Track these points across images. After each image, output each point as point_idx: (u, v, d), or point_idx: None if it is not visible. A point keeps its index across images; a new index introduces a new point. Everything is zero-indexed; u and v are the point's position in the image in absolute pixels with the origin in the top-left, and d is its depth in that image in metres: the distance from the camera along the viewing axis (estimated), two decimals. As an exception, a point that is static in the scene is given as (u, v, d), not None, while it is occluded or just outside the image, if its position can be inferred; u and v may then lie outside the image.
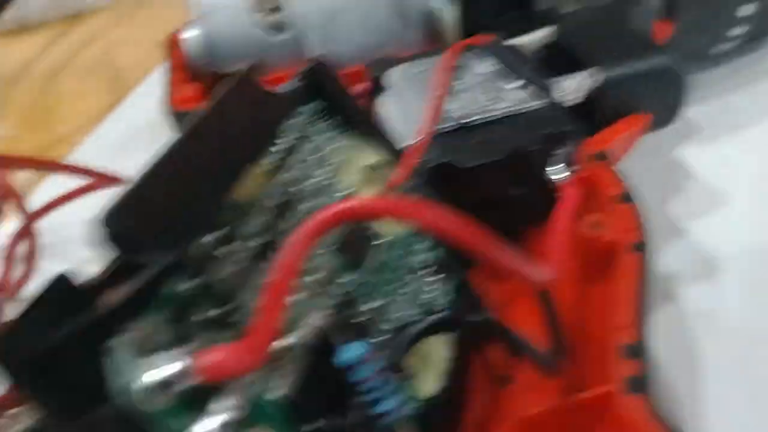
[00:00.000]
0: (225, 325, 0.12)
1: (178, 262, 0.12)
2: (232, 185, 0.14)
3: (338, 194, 0.16)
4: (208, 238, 0.13)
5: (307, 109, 0.16)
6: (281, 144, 0.15)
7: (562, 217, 0.18)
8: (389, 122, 0.23)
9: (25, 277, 0.28)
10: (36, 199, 0.31)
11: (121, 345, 0.11)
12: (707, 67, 0.31)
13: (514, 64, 0.21)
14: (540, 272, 0.15)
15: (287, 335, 0.13)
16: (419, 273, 0.17)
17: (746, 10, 0.28)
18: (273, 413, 0.12)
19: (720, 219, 0.25)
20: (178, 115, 0.28)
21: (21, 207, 0.27)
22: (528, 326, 0.18)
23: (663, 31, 0.25)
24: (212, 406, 0.11)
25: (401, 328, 0.14)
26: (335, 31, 0.28)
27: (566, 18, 0.25)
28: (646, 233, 0.19)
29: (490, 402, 0.17)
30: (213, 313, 0.12)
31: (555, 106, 0.21)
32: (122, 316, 0.11)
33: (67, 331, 0.11)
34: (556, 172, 0.20)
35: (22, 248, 0.29)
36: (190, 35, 0.29)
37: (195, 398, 0.11)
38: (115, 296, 0.11)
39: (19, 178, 0.30)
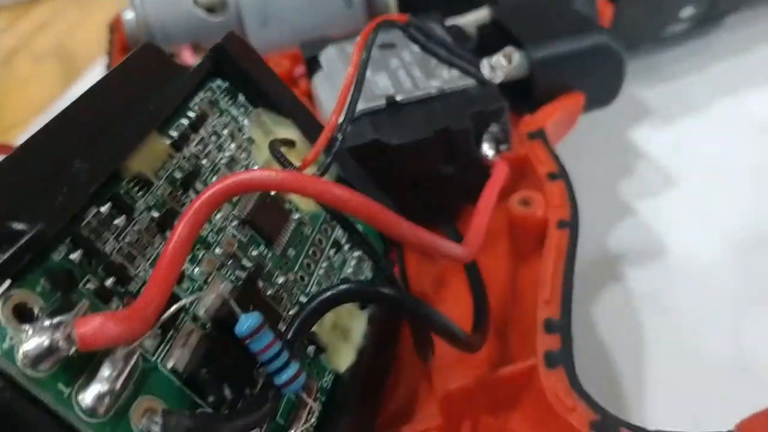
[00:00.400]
0: (117, 296, 0.12)
1: (64, 229, 0.12)
2: (130, 152, 0.13)
3: (252, 167, 0.16)
4: (102, 208, 0.12)
5: (219, 84, 0.16)
6: (189, 116, 0.15)
7: (488, 193, 0.18)
8: (322, 101, 0.22)
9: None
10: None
11: (-4, 313, 0.10)
12: (660, 49, 0.31)
13: (447, 43, 0.21)
14: (456, 249, 0.15)
15: (186, 306, 0.13)
16: (340, 249, 0.17)
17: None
18: (165, 385, 0.12)
19: (670, 200, 0.25)
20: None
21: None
22: (459, 303, 0.18)
23: (607, 12, 0.25)
24: (98, 373, 0.11)
25: (315, 297, 0.14)
26: (273, 11, 0.27)
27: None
28: (575, 211, 0.18)
29: (418, 378, 0.17)
30: (104, 283, 0.12)
31: (485, 85, 0.20)
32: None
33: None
34: (488, 150, 0.20)
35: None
36: (130, 17, 0.28)
37: (83, 367, 0.11)
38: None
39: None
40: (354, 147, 0.18)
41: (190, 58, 0.27)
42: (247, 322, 0.12)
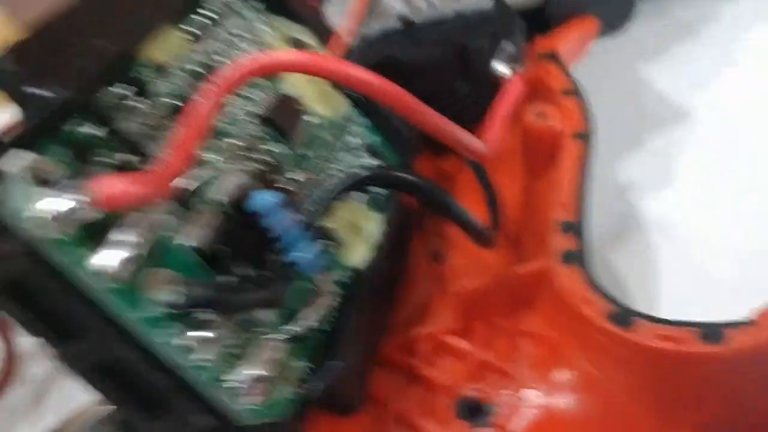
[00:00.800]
0: (134, 171, 0.12)
1: (82, 102, 0.12)
2: (145, 40, 0.13)
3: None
4: (119, 89, 0.12)
5: (237, -16, 0.16)
6: (204, 14, 0.15)
7: (503, 101, 0.18)
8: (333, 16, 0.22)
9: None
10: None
11: (18, 176, 0.10)
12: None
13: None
14: (476, 143, 0.15)
15: (203, 188, 0.13)
16: (353, 152, 0.17)
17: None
18: (182, 260, 0.12)
19: (678, 132, 0.25)
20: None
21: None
22: (468, 204, 0.18)
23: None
24: (111, 236, 0.11)
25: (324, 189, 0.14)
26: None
27: None
28: (590, 125, 0.18)
29: (432, 280, 0.17)
30: (118, 157, 0.12)
31: (501, 6, 0.20)
32: (18, 143, 0.11)
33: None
34: (503, 69, 0.20)
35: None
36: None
37: (96, 231, 0.11)
38: (16, 128, 0.11)
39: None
40: (370, 65, 0.18)
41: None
42: (260, 198, 0.12)
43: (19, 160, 0.10)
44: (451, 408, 0.15)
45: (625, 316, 0.14)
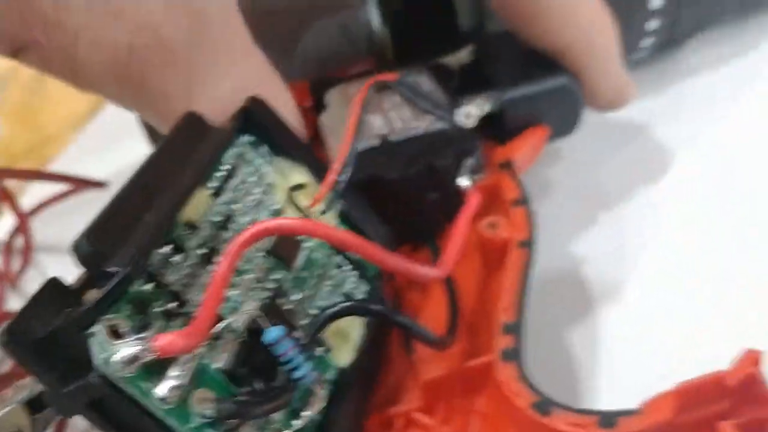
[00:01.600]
0: (178, 316, 0.17)
1: (141, 268, 0.16)
2: (184, 205, 0.18)
3: (272, 208, 0.20)
4: (164, 249, 0.17)
5: (245, 140, 0.20)
6: (223, 169, 0.19)
7: (461, 219, 0.22)
8: (328, 138, 0.27)
9: (23, 268, 0.32)
10: (25, 201, 0.35)
11: (100, 331, 0.15)
12: (630, 71, 0.35)
13: (428, 96, 0.25)
14: (429, 271, 0.19)
15: (227, 320, 0.17)
16: (341, 269, 0.21)
17: (652, 25, 0.32)
18: (214, 380, 0.16)
19: (629, 212, 0.29)
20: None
21: (15, 207, 0.31)
22: (440, 308, 0.22)
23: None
24: (168, 372, 0.15)
25: (323, 312, 0.19)
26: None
27: (482, 40, 0.28)
28: (534, 232, 0.23)
29: (404, 371, 0.21)
30: (169, 306, 0.16)
31: (461, 127, 0.25)
32: (99, 310, 0.15)
33: (61, 322, 0.15)
34: (465, 181, 0.24)
35: (18, 243, 0.33)
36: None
37: (158, 368, 0.15)
38: (93, 295, 0.16)
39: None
40: (355, 181, 0.23)
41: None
42: (271, 333, 0.17)
43: (101, 322, 0.15)
44: (419, 473, 0.19)
45: (545, 405, 0.18)
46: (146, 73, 0.20)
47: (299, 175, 0.21)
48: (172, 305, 0.17)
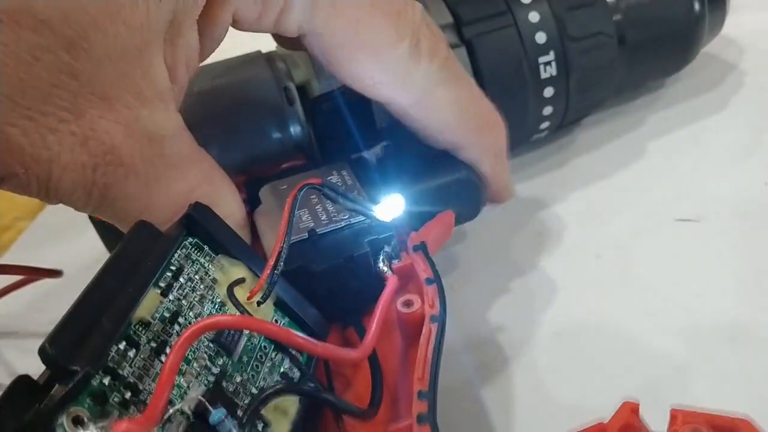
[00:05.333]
0: (134, 404, 0.19)
1: (99, 365, 0.19)
2: (137, 305, 0.21)
3: (216, 301, 0.23)
4: (120, 346, 0.20)
5: (190, 241, 0.23)
6: (171, 270, 0.22)
7: (380, 302, 0.25)
8: (262, 231, 0.30)
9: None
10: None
11: (63, 422, 0.18)
12: (531, 149, 0.39)
13: (342, 193, 0.28)
14: (350, 354, 0.22)
15: (176, 406, 0.20)
16: (279, 351, 0.24)
17: (547, 111, 0.36)
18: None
19: (534, 280, 0.33)
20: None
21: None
22: (367, 378, 0.25)
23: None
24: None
25: (261, 393, 0.21)
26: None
27: (392, 136, 0.32)
28: (444, 308, 0.26)
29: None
30: (125, 396, 0.19)
31: (378, 219, 0.28)
32: (64, 404, 0.18)
33: (31, 416, 0.18)
34: (383, 266, 0.28)
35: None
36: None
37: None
38: (59, 391, 0.18)
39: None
40: (285, 272, 0.26)
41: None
42: (216, 415, 0.19)
43: (65, 414, 0.18)
44: None
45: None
46: (109, 184, 0.23)
47: (239, 270, 0.24)
48: (128, 395, 0.19)
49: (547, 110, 0.36)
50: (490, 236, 0.35)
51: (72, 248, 0.40)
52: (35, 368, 0.25)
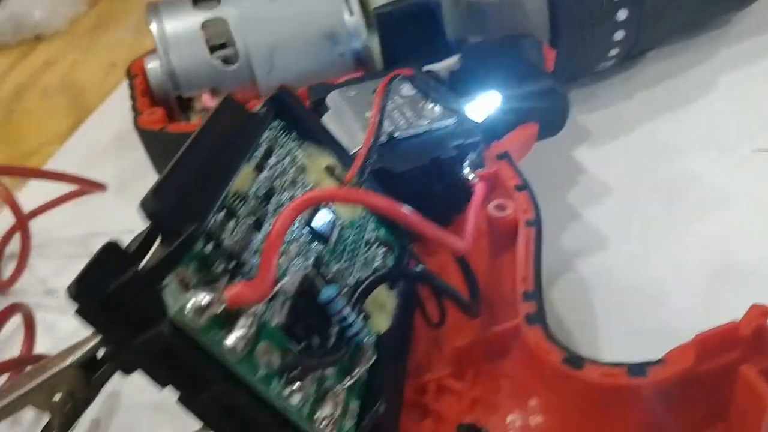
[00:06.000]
0: (236, 276, 0.17)
1: (203, 228, 0.17)
2: (234, 175, 0.19)
3: (306, 188, 0.21)
4: (220, 214, 0.18)
5: (277, 124, 0.21)
6: (261, 149, 0.20)
7: (473, 205, 0.23)
8: (333, 134, 0.28)
9: (18, 271, 0.31)
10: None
11: (171, 282, 0.15)
12: (596, 80, 0.37)
13: (432, 87, 0.26)
14: (457, 241, 0.20)
15: (285, 279, 0.18)
16: (370, 246, 0.22)
17: (618, 36, 0.34)
18: (274, 335, 0.17)
19: (604, 203, 0.32)
20: (146, 134, 0.32)
21: (15, 208, 0.31)
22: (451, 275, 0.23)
23: (550, 56, 0.32)
24: (236, 324, 0.16)
25: (361, 282, 0.19)
26: (277, 62, 0.33)
27: (469, 49, 0.30)
28: (538, 212, 0.24)
29: (430, 342, 0.22)
30: (228, 265, 0.17)
31: (464, 122, 0.26)
32: (170, 265, 0.16)
33: (130, 276, 0.16)
34: (468, 173, 0.26)
35: (11, 247, 0.32)
36: (153, 65, 0.33)
37: (225, 321, 0.16)
38: (160, 253, 0.16)
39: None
40: (372, 173, 0.24)
41: (209, 102, 0.32)
42: (327, 292, 0.17)
43: (170, 277, 0.16)
44: (454, 432, 0.20)
45: (576, 360, 0.19)
46: None
47: (326, 158, 0.22)
48: (231, 265, 0.17)
49: (619, 35, 0.34)
50: (559, 165, 0.33)
51: (102, 173, 0.37)
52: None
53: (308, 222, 0.20)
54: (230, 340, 0.16)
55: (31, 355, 0.28)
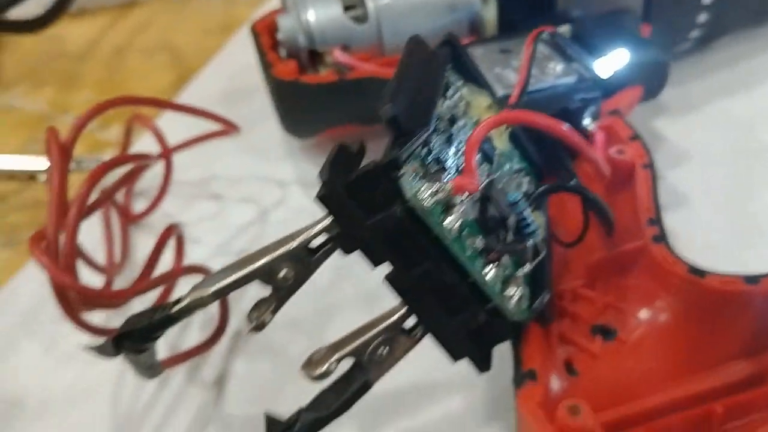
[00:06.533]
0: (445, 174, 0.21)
1: (428, 131, 0.21)
2: (436, 98, 0.22)
3: (473, 120, 0.25)
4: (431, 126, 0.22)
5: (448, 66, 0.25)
6: (445, 81, 0.24)
7: (598, 148, 0.27)
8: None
9: (157, 200, 0.35)
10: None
11: (407, 172, 0.19)
12: (673, 60, 0.41)
13: (567, 44, 0.30)
14: (606, 165, 0.24)
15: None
16: (517, 172, 0.26)
17: (701, 18, 0.38)
18: (472, 226, 0.21)
19: (685, 168, 0.36)
20: (280, 83, 0.36)
21: (161, 140, 0.35)
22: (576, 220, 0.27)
23: (646, 31, 0.36)
24: (453, 209, 0.20)
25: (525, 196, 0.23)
26: (403, 24, 0.36)
27: (579, 20, 0.34)
28: (651, 158, 0.28)
29: (561, 257, 0.26)
30: (436, 168, 0.21)
31: (586, 79, 0.30)
32: (405, 158, 0.20)
33: (371, 167, 0.19)
34: (588, 123, 0.30)
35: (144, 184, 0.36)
36: (286, 22, 0.37)
37: (444, 207, 0.20)
38: (394, 150, 0.20)
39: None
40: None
41: (341, 57, 0.35)
42: (514, 195, 0.21)
43: (404, 167, 0.20)
44: (589, 331, 0.24)
45: (699, 271, 0.23)
46: None
47: (486, 99, 0.26)
48: (439, 166, 0.21)
49: (702, 17, 0.38)
50: (644, 124, 0.37)
51: (212, 127, 0.41)
52: (197, 216, 0.28)
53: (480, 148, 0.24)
54: (448, 222, 0.20)
55: (182, 268, 0.32)
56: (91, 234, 0.35)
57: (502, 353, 0.23)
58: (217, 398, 0.30)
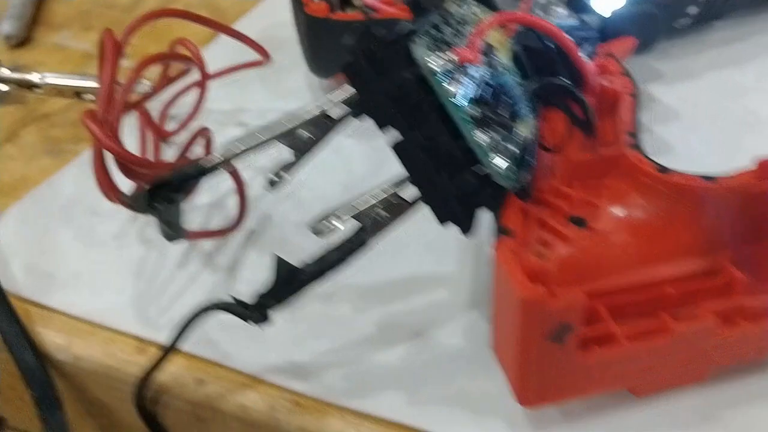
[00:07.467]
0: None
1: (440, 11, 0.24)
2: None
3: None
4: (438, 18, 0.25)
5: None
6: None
7: (587, 74, 0.31)
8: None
9: (188, 119, 0.39)
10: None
11: (418, 44, 0.23)
12: (672, 38, 0.44)
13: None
14: (597, 80, 0.28)
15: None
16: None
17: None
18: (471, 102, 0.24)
19: (672, 125, 0.39)
20: (313, 20, 0.40)
21: (201, 64, 0.38)
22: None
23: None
24: (457, 77, 0.23)
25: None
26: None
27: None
28: (638, 89, 0.32)
29: (545, 167, 0.29)
30: (446, 49, 0.24)
31: (584, 23, 0.34)
32: (419, 31, 0.23)
33: (389, 36, 0.23)
34: (584, 57, 0.33)
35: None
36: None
37: (449, 75, 0.23)
38: (406, 25, 0.23)
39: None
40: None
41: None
42: (508, 80, 0.25)
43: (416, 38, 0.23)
44: (566, 220, 0.27)
45: (665, 170, 0.27)
46: None
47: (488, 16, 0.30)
48: (448, 49, 0.25)
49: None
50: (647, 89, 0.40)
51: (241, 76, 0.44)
52: (223, 140, 0.32)
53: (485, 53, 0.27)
54: (450, 88, 0.23)
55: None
56: (128, 146, 0.39)
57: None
58: (228, 279, 0.33)
